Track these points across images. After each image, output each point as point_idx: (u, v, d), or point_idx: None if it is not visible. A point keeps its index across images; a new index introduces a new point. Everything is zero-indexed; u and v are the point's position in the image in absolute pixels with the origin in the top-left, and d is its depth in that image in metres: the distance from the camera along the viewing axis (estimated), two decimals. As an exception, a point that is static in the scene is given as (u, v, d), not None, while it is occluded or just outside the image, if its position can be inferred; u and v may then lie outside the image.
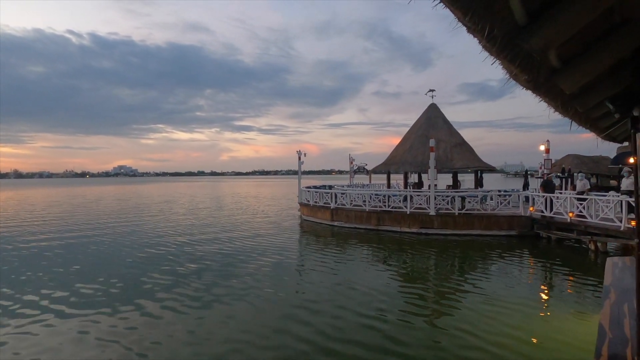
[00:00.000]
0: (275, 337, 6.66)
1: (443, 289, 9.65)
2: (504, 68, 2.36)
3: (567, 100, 3.35)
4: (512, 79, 2.38)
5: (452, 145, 22.12)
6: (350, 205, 19.68)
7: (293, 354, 6.07)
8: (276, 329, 6.97)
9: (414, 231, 17.28)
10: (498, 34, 1.64)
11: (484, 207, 17.35)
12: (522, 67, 2.06)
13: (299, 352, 6.15)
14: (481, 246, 14.67)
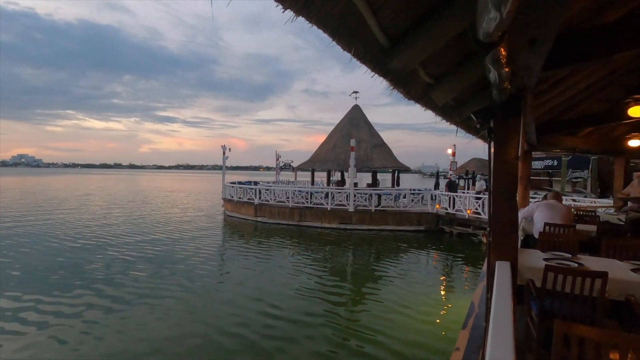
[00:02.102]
0: (190, 339, 6.56)
1: (360, 279, 10.48)
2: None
3: (447, 111, 3.93)
4: (394, 89, 2.78)
5: (372, 146, 23.40)
6: (274, 202, 19.87)
7: (208, 356, 6.09)
8: (192, 333, 6.79)
9: (334, 227, 18.02)
10: (367, 54, 1.97)
11: (397, 204, 18.67)
12: (395, 82, 2.45)
13: (214, 352, 6.18)
14: (394, 240, 15.88)
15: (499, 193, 3.15)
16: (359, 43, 1.84)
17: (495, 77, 2.13)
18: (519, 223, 6.22)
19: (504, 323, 1.81)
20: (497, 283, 2.51)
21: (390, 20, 1.79)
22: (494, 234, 3.19)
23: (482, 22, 1.31)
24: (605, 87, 5.83)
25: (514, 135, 3.05)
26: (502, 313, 1.94)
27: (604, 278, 2.93)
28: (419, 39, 1.94)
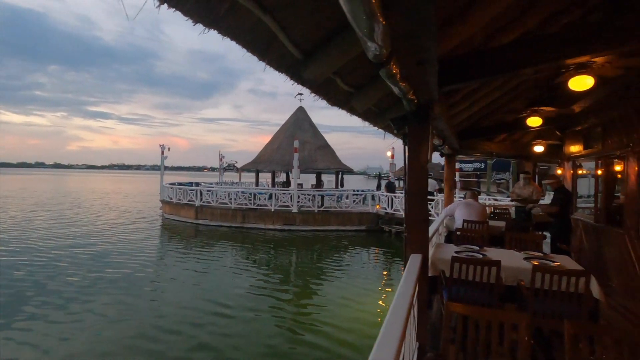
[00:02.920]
0: (126, 351, 6.35)
1: (304, 277, 10.83)
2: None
3: (371, 117, 4.25)
4: (316, 96, 3.00)
5: (316, 147, 23.80)
6: (216, 203, 19.51)
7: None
8: (128, 345, 6.55)
9: (278, 228, 18.10)
10: (282, 65, 2.16)
11: (340, 205, 19.19)
12: (315, 90, 2.67)
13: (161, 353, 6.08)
14: (337, 240, 16.36)
15: (413, 193, 3.50)
16: (273, 54, 2.02)
17: (399, 90, 2.41)
18: (443, 221, 6.80)
19: (401, 308, 2.06)
20: (406, 274, 2.82)
21: (301, 36, 2.00)
22: (409, 229, 3.54)
23: (366, 48, 1.55)
24: (512, 100, 6.57)
25: (424, 141, 3.41)
26: (402, 299, 2.20)
27: (498, 266, 3.38)
28: (328, 54, 2.18)
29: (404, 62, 1.92)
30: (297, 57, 2.15)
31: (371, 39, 1.36)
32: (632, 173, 4.84)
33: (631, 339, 1.87)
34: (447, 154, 8.13)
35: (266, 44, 1.93)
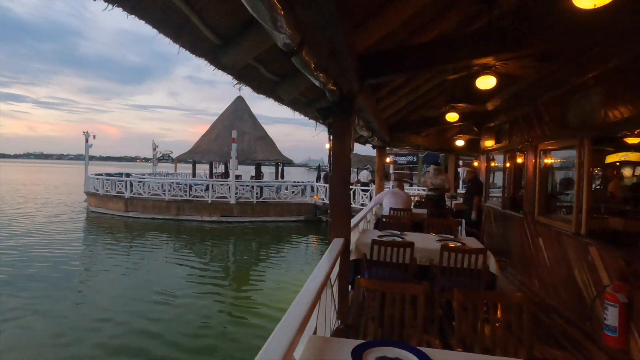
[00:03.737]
0: (55, 341, 5.98)
1: (243, 267, 10.86)
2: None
3: (301, 107, 4.35)
4: (240, 83, 3.02)
5: (255, 138, 23.52)
6: (148, 195, 18.58)
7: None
8: (56, 333, 6.17)
9: (215, 219, 17.72)
10: (197, 49, 2.17)
11: (279, 196, 19.23)
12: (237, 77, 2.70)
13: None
14: (275, 230, 16.47)
15: (337, 180, 3.68)
16: (187, 37, 2.02)
17: (317, 80, 2.54)
18: (372, 208, 7.15)
19: (313, 286, 2.20)
20: (324, 257, 2.97)
21: (217, 20, 2.03)
22: (332, 215, 3.72)
23: (274, 37, 1.64)
24: (436, 97, 7.07)
25: (347, 131, 3.60)
26: (312, 283, 2.32)
27: (412, 247, 3.68)
28: (246, 40, 2.23)
29: (317, 53, 2.04)
30: (214, 41, 2.18)
31: (276, 29, 1.45)
32: (530, 165, 5.48)
33: (506, 301, 2.18)
34: (377, 146, 8.52)
35: (179, 25, 1.93)
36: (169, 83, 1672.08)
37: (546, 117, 5.08)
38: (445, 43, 3.78)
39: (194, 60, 14.64)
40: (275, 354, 1.37)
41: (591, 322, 3.71)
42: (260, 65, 2.77)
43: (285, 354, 1.39)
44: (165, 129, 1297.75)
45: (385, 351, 1.66)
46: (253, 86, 3.01)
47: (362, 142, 8.10)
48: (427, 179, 8.14)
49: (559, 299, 4.54)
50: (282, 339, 1.50)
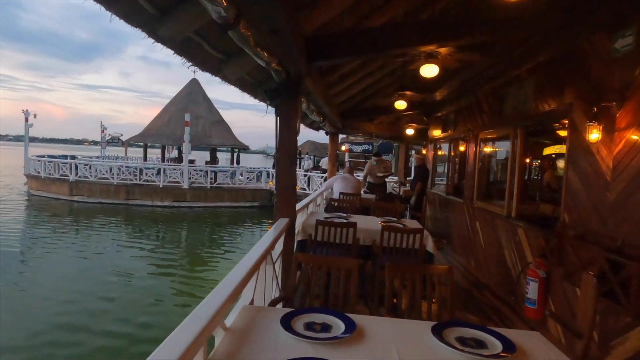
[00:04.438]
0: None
1: (197, 251, 10.66)
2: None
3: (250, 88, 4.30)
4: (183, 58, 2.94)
5: (210, 122, 22.88)
6: (95, 178, 17.63)
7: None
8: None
9: (167, 204, 17.18)
10: (134, 19, 2.10)
11: (233, 181, 18.95)
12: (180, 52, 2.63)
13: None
14: (230, 215, 16.28)
15: (283, 161, 3.71)
16: (121, 6, 1.94)
17: (258, 58, 2.54)
18: (323, 192, 7.26)
19: (249, 260, 2.22)
20: (267, 234, 3.01)
21: (151, -10, 1.97)
22: (278, 196, 3.76)
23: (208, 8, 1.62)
24: (387, 85, 7.23)
25: (294, 113, 3.62)
26: (252, 255, 2.35)
27: (354, 227, 3.81)
28: (182, 12, 2.18)
29: (256, 28, 2.04)
30: (150, 11, 2.11)
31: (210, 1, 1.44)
32: (471, 153, 5.81)
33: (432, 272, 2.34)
34: (331, 132, 8.63)
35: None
36: (120, 62, 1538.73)
37: (486, 107, 5.39)
38: (392, 29, 3.88)
39: (148, 39, 13.92)
40: (203, 319, 1.41)
41: (515, 296, 4.05)
42: (203, 41, 2.71)
43: (211, 319, 1.43)
44: (116, 111, 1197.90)
45: (313, 317, 1.74)
46: (196, 62, 2.94)
47: (314, 127, 8.15)
48: (369, 171, 8.28)
49: (490, 277, 4.90)
50: (210, 306, 1.54)
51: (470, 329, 1.71)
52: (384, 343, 1.57)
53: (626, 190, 2.63)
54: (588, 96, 3.05)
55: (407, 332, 1.70)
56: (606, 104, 2.74)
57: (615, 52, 2.74)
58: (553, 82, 3.68)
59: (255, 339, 1.53)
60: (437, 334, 1.61)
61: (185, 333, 1.31)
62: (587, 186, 3.05)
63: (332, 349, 1.49)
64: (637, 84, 2.57)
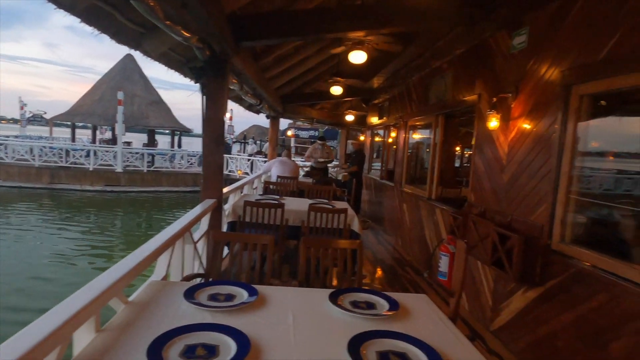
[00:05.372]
0: None
1: (132, 238, 10.08)
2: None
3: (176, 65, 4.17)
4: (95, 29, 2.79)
5: (148, 102, 21.65)
6: (12, 160, 16.07)
7: None
8: None
9: (99, 189, 16.15)
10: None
11: (173, 165, 18.25)
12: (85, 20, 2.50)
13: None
14: (168, 201, 15.68)
15: (210, 141, 3.68)
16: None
17: (177, 34, 2.49)
18: (261, 175, 7.27)
19: (159, 238, 2.23)
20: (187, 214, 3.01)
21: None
22: (205, 176, 3.74)
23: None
24: (326, 71, 7.34)
25: (221, 93, 3.60)
26: (164, 234, 2.36)
27: (282, 208, 3.90)
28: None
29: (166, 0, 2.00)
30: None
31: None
32: (402, 139, 6.12)
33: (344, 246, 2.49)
34: (271, 116, 8.60)
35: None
36: (45, 32, 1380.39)
37: (414, 96, 5.69)
38: (322, 14, 3.96)
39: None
40: (95, 290, 1.42)
41: (431, 270, 4.41)
42: (114, 10, 2.59)
43: (105, 290, 1.45)
44: (41, 87, 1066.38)
45: (219, 289, 1.81)
46: (110, 34, 2.81)
47: (254, 110, 8.07)
48: (312, 154, 8.46)
49: (413, 254, 5.27)
50: (107, 278, 1.55)
51: (363, 294, 1.88)
52: (282, 309, 1.68)
53: (516, 173, 2.97)
54: (491, 88, 3.36)
55: (308, 299, 1.82)
56: (503, 95, 3.04)
57: (513, 48, 3.04)
58: (466, 74, 3.98)
59: (155, 310, 1.56)
60: (332, 299, 1.76)
61: (76, 302, 1.32)
62: (489, 169, 3.39)
63: (230, 315, 1.57)
64: (528, 77, 2.88)
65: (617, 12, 2.15)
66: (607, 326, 2.16)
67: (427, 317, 1.72)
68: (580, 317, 2.35)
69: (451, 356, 1.39)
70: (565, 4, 2.56)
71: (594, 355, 2.23)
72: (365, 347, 1.39)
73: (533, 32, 2.85)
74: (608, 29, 2.20)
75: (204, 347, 1.31)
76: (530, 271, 2.73)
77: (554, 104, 2.59)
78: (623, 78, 2.12)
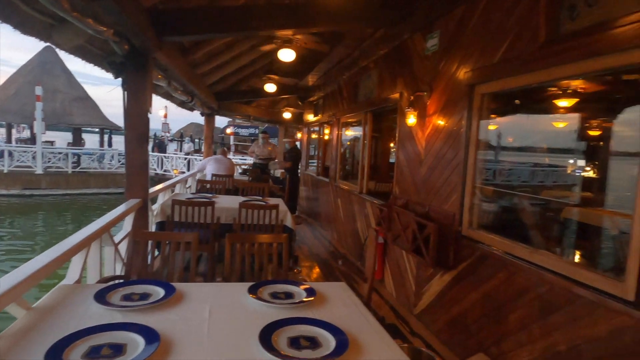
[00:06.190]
0: None
1: (52, 241, 9.20)
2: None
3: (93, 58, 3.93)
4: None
5: (72, 99, 19.98)
6: None
7: None
8: None
9: (15, 193, 14.65)
10: None
11: (102, 165, 17.08)
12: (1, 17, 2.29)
13: None
14: (98, 204, 14.65)
15: (133, 139, 3.53)
16: None
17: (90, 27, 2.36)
18: (195, 173, 7.07)
19: (68, 242, 2.12)
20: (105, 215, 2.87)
21: None
22: (129, 175, 3.58)
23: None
24: (261, 68, 7.30)
25: (143, 88, 3.46)
26: (74, 238, 2.24)
27: (212, 206, 3.85)
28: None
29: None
30: None
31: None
32: (335, 136, 6.28)
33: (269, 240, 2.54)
34: (206, 113, 8.38)
35: None
36: None
37: (345, 94, 5.87)
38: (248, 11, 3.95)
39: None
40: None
41: (362, 261, 4.61)
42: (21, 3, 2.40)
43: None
44: None
45: (134, 289, 1.77)
46: (13, 24, 2.58)
47: (188, 108, 7.82)
48: (254, 149, 8.41)
49: (347, 247, 5.45)
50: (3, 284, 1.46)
51: (283, 285, 1.94)
52: (199, 304, 1.68)
53: (432, 165, 3.21)
54: (410, 86, 3.58)
55: (227, 293, 1.84)
56: (419, 93, 3.27)
57: (427, 50, 3.27)
58: (389, 74, 4.20)
59: (61, 314, 1.50)
60: (251, 291, 1.80)
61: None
62: (409, 163, 3.62)
63: (144, 314, 1.55)
64: (440, 77, 3.12)
65: (507, 20, 2.42)
66: (506, 301, 2.42)
67: (342, 303, 1.82)
68: (485, 295, 2.60)
69: (358, 336, 1.49)
70: (467, 11, 2.81)
71: (497, 329, 2.49)
72: (278, 334, 1.45)
73: (443, 35, 3.09)
74: (501, 35, 2.46)
75: (110, 347, 1.29)
76: (444, 256, 2.97)
77: (461, 101, 2.84)
78: (513, 79, 2.39)
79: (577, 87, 3.71)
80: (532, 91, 3.58)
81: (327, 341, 1.43)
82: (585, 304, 1.88)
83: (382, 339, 1.50)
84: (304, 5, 3.91)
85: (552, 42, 2.10)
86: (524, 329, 2.26)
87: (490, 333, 2.54)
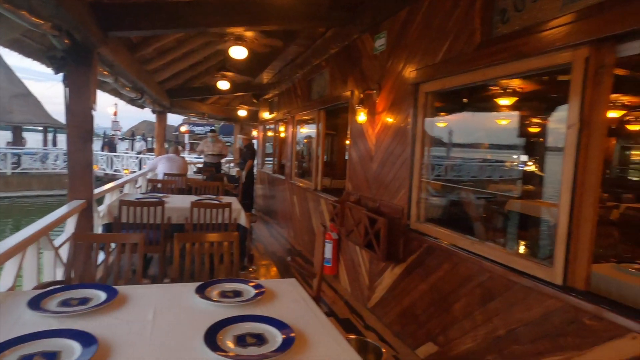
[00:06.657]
0: None
1: None
2: None
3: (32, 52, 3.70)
4: None
5: (11, 95, 18.56)
6: None
7: None
8: None
9: (-57, 198, 13.42)
10: None
11: (45, 166, 16.00)
12: None
13: None
14: (40, 207, 13.71)
15: (76, 137, 3.36)
16: None
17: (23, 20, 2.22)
18: (145, 173, 6.82)
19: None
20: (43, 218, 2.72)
21: None
22: (71, 175, 3.41)
23: None
24: (214, 65, 7.14)
25: (86, 84, 3.30)
26: (8, 241, 2.13)
27: (162, 206, 3.75)
28: None
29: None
30: None
31: None
32: (290, 134, 6.29)
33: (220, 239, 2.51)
34: (157, 111, 8.09)
35: None
36: None
37: (299, 91, 5.90)
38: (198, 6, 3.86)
39: None
40: None
41: (318, 258, 4.66)
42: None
43: None
44: None
45: (73, 294, 1.70)
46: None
47: (138, 105, 7.51)
48: (203, 147, 8.22)
49: (303, 244, 5.49)
50: None
51: (232, 283, 1.94)
52: (143, 306, 1.64)
53: (382, 161, 3.31)
54: (360, 85, 3.67)
55: (174, 294, 1.81)
56: (369, 91, 3.36)
57: (375, 50, 3.37)
58: (341, 72, 4.28)
59: (-12, 324, 1.41)
60: (199, 291, 1.78)
61: None
62: (361, 160, 3.71)
63: (82, 319, 1.49)
64: (387, 76, 3.23)
65: (446, 22, 2.54)
66: (451, 291, 2.55)
67: (291, 299, 1.85)
68: (432, 286, 2.74)
69: (305, 331, 1.52)
70: (411, 13, 2.93)
71: (443, 318, 2.62)
72: (224, 332, 1.45)
73: (390, 36, 3.20)
74: (441, 37, 2.58)
75: (43, 356, 1.23)
76: (395, 250, 3.08)
77: (407, 99, 2.95)
78: (453, 78, 2.52)
79: (516, 87, 3.97)
80: (476, 90, 3.80)
81: (273, 337, 1.45)
82: (521, 290, 2.02)
83: (328, 333, 1.53)
84: (255, 3, 3.88)
85: (487, 44, 2.24)
86: (468, 316, 2.39)
87: (438, 322, 2.67)
